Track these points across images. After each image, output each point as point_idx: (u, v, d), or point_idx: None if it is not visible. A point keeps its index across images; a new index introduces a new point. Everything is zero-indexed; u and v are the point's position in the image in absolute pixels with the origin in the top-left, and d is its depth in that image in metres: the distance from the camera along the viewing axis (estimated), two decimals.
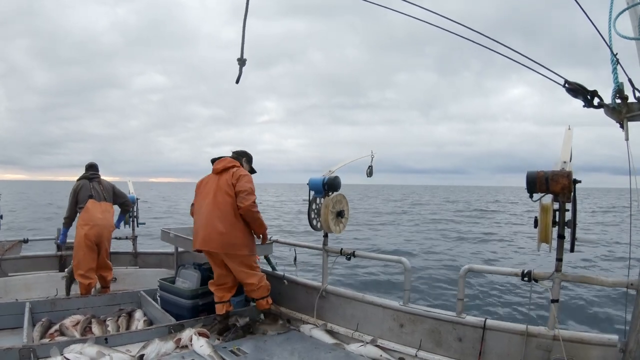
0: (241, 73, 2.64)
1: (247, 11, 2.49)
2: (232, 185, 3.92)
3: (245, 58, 2.59)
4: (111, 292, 5.14)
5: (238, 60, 2.57)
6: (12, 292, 5.12)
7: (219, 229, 3.84)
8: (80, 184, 5.26)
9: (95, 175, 5.39)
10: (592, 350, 2.75)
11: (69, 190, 5.30)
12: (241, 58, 2.57)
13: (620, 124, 2.18)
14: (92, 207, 5.11)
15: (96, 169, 5.46)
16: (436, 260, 13.79)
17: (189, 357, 3.40)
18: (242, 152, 4.37)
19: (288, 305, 4.56)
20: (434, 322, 3.44)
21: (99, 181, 5.36)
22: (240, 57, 2.56)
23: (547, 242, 2.78)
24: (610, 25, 1.98)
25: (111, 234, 5.32)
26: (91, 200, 5.14)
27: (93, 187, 5.25)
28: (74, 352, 3.27)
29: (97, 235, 5.03)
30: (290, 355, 3.52)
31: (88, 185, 5.24)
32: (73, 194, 5.22)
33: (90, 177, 5.33)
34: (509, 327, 3.11)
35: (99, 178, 5.42)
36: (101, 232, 5.08)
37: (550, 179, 2.66)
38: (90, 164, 5.45)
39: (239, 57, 2.57)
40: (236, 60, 2.62)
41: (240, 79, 2.68)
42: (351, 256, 4.05)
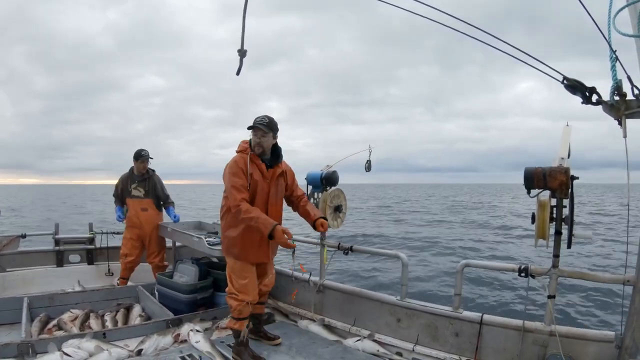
0: (242, 65, 2.61)
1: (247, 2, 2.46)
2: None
3: (246, 49, 2.55)
4: (108, 287, 5.15)
5: (238, 51, 2.53)
6: (10, 288, 5.13)
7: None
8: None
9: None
10: (588, 346, 2.77)
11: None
12: (241, 49, 2.53)
13: (619, 121, 2.17)
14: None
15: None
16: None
17: (187, 351, 3.41)
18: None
19: (286, 300, 4.57)
20: (431, 317, 3.45)
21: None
22: (241, 49, 2.52)
23: (545, 238, 2.79)
24: (609, 22, 1.97)
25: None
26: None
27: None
28: (72, 347, 3.28)
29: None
30: (288, 349, 3.53)
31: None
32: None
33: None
34: (505, 322, 3.13)
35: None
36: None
37: (548, 175, 2.66)
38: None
39: (239, 49, 2.53)
40: (237, 52, 2.57)
41: (240, 70, 2.64)
42: (349, 251, 4.06)
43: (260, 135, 3.24)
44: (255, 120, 3.26)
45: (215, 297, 4.53)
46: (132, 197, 5.42)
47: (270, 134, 3.27)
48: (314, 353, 3.47)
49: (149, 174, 5.50)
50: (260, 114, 3.40)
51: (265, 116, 3.28)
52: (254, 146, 3.28)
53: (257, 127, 3.23)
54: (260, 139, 3.24)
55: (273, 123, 3.28)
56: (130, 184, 5.45)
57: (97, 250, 5.96)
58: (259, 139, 3.24)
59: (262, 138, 3.24)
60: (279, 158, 3.42)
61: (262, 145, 3.26)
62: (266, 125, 3.23)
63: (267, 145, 3.30)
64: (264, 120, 3.24)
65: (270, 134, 3.26)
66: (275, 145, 3.40)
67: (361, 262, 11.68)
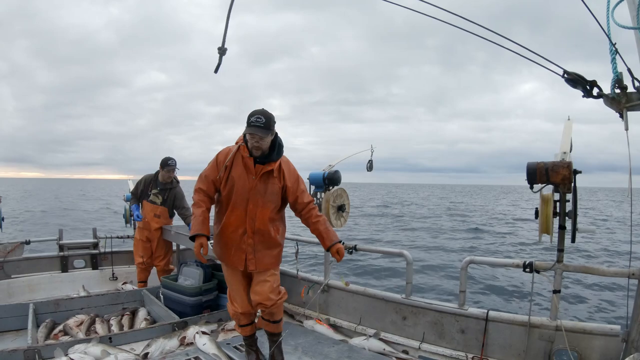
0: (220, 62, 2.59)
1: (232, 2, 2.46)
2: None
3: (226, 47, 2.54)
4: (113, 292, 5.16)
5: (218, 49, 2.52)
6: (16, 294, 5.14)
7: None
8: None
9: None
10: (594, 340, 2.76)
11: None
12: (222, 47, 2.52)
13: (620, 113, 2.17)
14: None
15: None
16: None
17: (194, 354, 3.41)
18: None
19: (291, 300, 4.57)
20: (436, 315, 3.45)
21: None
22: (221, 47, 2.51)
23: (548, 233, 2.78)
24: (608, 14, 1.97)
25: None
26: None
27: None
28: (79, 352, 3.28)
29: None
30: (294, 350, 3.53)
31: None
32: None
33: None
34: (511, 318, 3.13)
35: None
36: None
37: (550, 169, 2.65)
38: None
39: (219, 47, 2.53)
40: (217, 50, 2.55)
41: (219, 68, 2.62)
42: (353, 250, 4.06)
43: (259, 139, 2.83)
44: (250, 121, 2.81)
45: (220, 299, 4.54)
46: (149, 201, 5.45)
47: (269, 134, 2.85)
48: (320, 352, 3.47)
49: (173, 185, 5.51)
50: (257, 108, 2.99)
51: (261, 115, 2.81)
52: (251, 149, 2.90)
53: (253, 130, 2.80)
54: (258, 142, 2.85)
55: (270, 120, 2.84)
56: (151, 189, 5.48)
57: (101, 255, 5.97)
58: (257, 142, 2.85)
59: (261, 141, 2.85)
60: (276, 154, 2.98)
61: (261, 148, 2.87)
62: (263, 125, 2.79)
63: (267, 145, 2.91)
64: (260, 121, 2.79)
65: (268, 134, 2.85)
66: (274, 140, 2.97)
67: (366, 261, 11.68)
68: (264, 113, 2.83)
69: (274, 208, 3.00)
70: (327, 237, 3.00)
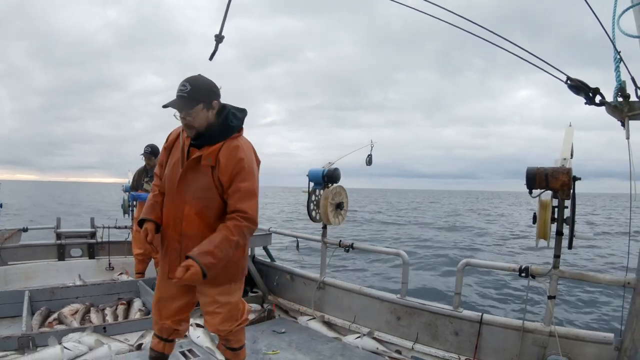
0: (216, 50, 2.50)
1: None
2: None
3: (224, 35, 2.50)
4: (109, 281, 5.16)
5: (215, 36, 2.48)
6: (12, 281, 5.14)
7: None
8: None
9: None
10: (587, 348, 2.77)
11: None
12: (219, 35, 2.48)
13: (622, 122, 2.16)
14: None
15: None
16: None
17: (187, 347, 3.42)
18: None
19: (286, 297, 4.57)
20: (430, 316, 3.46)
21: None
22: (219, 34, 2.48)
23: (545, 239, 2.79)
24: (614, 22, 1.96)
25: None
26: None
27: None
28: (73, 341, 3.29)
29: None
30: (288, 346, 3.54)
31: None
32: None
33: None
34: (505, 322, 3.13)
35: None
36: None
37: (549, 175, 2.65)
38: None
39: (216, 34, 2.49)
40: (214, 37, 2.51)
41: (214, 55, 2.51)
42: (350, 248, 4.07)
43: (185, 114, 2.19)
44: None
45: None
46: (143, 190, 5.45)
47: (200, 104, 2.18)
48: (314, 349, 3.47)
49: None
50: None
51: (187, 82, 2.17)
52: (184, 129, 2.30)
53: (174, 103, 2.18)
54: (185, 118, 2.20)
55: (200, 88, 2.19)
56: (143, 177, 5.50)
57: (98, 245, 5.97)
58: (184, 118, 2.21)
59: (189, 117, 2.20)
60: (218, 134, 2.26)
61: (192, 125, 2.22)
62: (187, 95, 2.15)
63: (201, 122, 2.22)
64: (184, 89, 2.15)
65: (199, 105, 2.18)
66: (223, 113, 2.29)
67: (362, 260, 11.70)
68: (191, 79, 2.20)
69: (208, 208, 2.28)
70: (201, 246, 2.14)
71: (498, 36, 2.12)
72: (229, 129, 2.29)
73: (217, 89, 2.30)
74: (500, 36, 2.11)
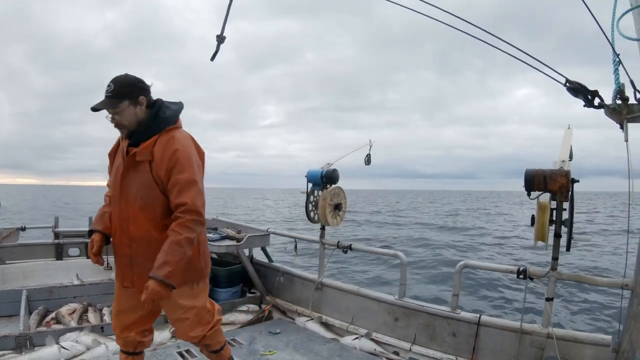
0: (218, 50, 2.49)
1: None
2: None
3: (225, 36, 2.50)
4: (107, 281, 5.15)
5: (217, 37, 2.47)
6: (9, 280, 5.13)
7: None
8: None
9: None
10: (585, 349, 2.77)
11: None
12: (221, 35, 2.48)
13: (621, 125, 2.17)
14: None
15: None
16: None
17: (185, 347, 3.41)
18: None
19: (284, 297, 4.57)
20: (428, 317, 3.46)
21: None
22: (220, 34, 2.47)
23: (544, 240, 2.79)
24: (613, 25, 1.96)
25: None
26: None
27: None
28: (70, 341, 3.28)
29: None
30: (285, 346, 3.54)
31: None
32: None
33: None
34: (503, 324, 3.13)
35: None
36: None
37: (548, 177, 2.66)
38: None
39: (218, 34, 2.49)
40: (215, 37, 2.51)
41: (216, 56, 2.50)
42: (348, 249, 4.07)
43: (112, 113, 2.17)
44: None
45: (213, 293, 4.53)
46: None
47: (125, 101, 2.15)
48: (311, 350, 3.47)
49: None
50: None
51: (112, 82, 2.16)
52: (118, 130, 2.26)
53: (104, 102, 2.14)
54: (114, 117, 2.18)
55: (123, 86, 2.16)
56: None
57: None
58: (113, 117, 2.18)
59: (116, 115, 2.17)
60: (150, 129, 2.20)
61: (122, 123, 2.19)
62: (111, 94, 2.14)
63: (130, 119, 2.19)
64: (108, 89, 2.14)
65: (124, 102, 2.15)
66: (154, 108, 2.24)
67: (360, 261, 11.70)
68: (115, 78, 2.18)
69: (152, 207, 2.19)
70: (156, 261, 2.07)
71: (497, 38, 2.12)
72: (162, 121, 2.22)
73: (144, 84, 2.23)
74: (499, 38, 2.11)
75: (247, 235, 4.46)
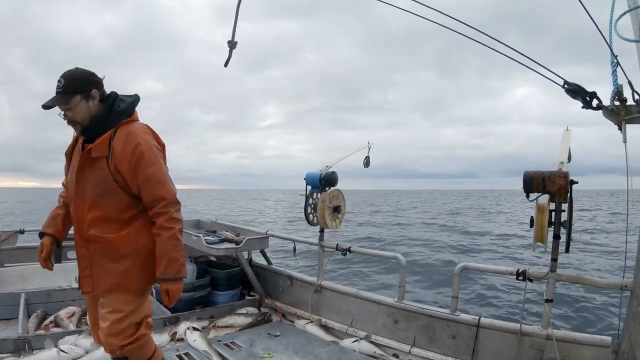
0: (230, 56, 2.50)
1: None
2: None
3: (236, 41, 2.50)
4: None
5: (228, 42, 2.48)
6: (8, 283, 5.11)
7: None
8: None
9: None
10: (584, 351, 2.77)
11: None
12: (232, 41, 2.48)
13: (619, 126, 2.17)
14: None
15: None
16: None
17: (184, 350, 3.41)
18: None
19: (283, 300, 4.56)
20: (428, 319, 3.45)
21: None
22: (231, 40, 2.48)
23: (543, 242, 2.79)
24: (611, 27, 1.97)
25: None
26: None
27: None
28: (69, 344, 3.27)
29: None
30: (285, 349, 3.53)
31: None
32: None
33: None
34: (502, 325, 3.13)
35: None
36: None
37: (547, 179, 2.66)
38: None
39: (229, 40, 2.49)
40: (227, 43, 2.51)
41: (229, 62, 2.52)
42: (347, 252, 4.06)
43: (64, 109, 2.11)
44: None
45: (212, 296, 4.53)
46: None
47: (77, 96, 2.08)
48: (311, 353, 3.46)
49: None
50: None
51: (62, 77, 2.09)
52: (72, 127, 2.21)
53: (55, 99, 2.09)
54: (66, 113, 2.12)
55: (74, 78, 2.10)
56: None
57: None
58: (65, 114, 2.12)
59: (68, 112, 2.10)
60: (103, 123, 2.13)
61: (74, 119, 2.13)
62: (62, 90, 2.07)
63: (83, 114, 2.12)
64: (59, 85, 2.08)
65: (75, 97, 2.08)
66: (107, 102, 2.17)
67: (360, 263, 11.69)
68: (66, 73, 2.10)
69: (110, 204, 2.13)
70: (159, 263, 2.11)
71: (495, 40, 2.13)
72: (117, 114, 2.15)
73: (97, 78, 2.16)
74: (497, 40, 2.12)
75: (246, 238, 4.46)
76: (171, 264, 2.09)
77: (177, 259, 2.10)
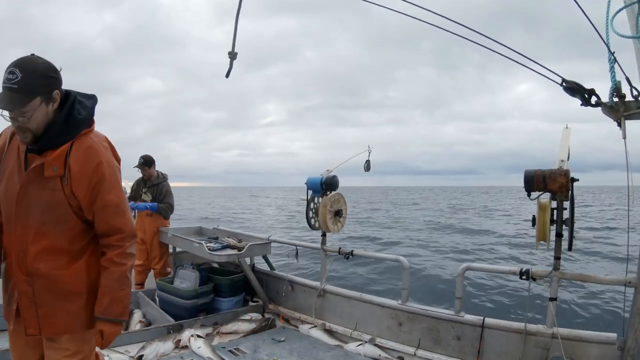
0: (231, 67, 2.55)
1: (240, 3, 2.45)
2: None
3: (237, 52, 2.53)
4: None
5: (229, 54, 2.50)
6: None
7: None
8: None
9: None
10: (590, 348, 2.76)
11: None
12: (232, 52, 2.51)
13: (618, 122, 2.17)
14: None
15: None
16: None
17: (188, 357, 3.39)
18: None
19: (287, 305, 4.55)
20: (432, 321, 3.44)
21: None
22: (232, 51, 2.50)
23: (545, 241, 2.79)
24: (607, 23, 1.98)
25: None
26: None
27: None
28: None
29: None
30: (289, 354, 3.52)
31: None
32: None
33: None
34: (507, 325, 3.12)
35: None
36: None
37: (548, 177, 2.66)
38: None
39: (229, 51, 2.51)
40: (227, 54, 2.53)
41: (230, 72, 2.58)
42: (349, 255, 4.06)
43: (18, 113, 1.63)
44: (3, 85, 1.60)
45: (216, 303, 4.52)
46: (141, 201, 5.47)
47: (37, 98, 1.62)
48: (315, 357, 3.45)
49: (159, 180, 5.52)
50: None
51: (16, 67, 1.58)
52: (17, 133, 1.72)
53: (9, 99, 1.58)
54: (18, 118, 1.64)
55: (36, 73, 1.61)
56: (141, 188, 5.52)
57: None
58: (16, 118, 1.64)
59: (22, 117, 1.63)
60: (62, 133, 1.71)
61: (27, 127, 1.66)
62: (18, 86, 1.57)
63: (40, 121, 1.67)
64: (13, 79, 1.56)
65: (35, 99, 1.62)
66: (66, 104, 1.73)
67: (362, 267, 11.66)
68: (22, 63, 1.60)
69: (61, 233, 1.78)
70: (101, 299, 1.82)
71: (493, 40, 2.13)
72: (77, 124, 1.73)
73: (57, 73, 1.70)
74: (495, 41, 2.12)
75: (248, 244, 4.45)
76: (114, 304, 1.82)
77: (121, 300, 1.83)
